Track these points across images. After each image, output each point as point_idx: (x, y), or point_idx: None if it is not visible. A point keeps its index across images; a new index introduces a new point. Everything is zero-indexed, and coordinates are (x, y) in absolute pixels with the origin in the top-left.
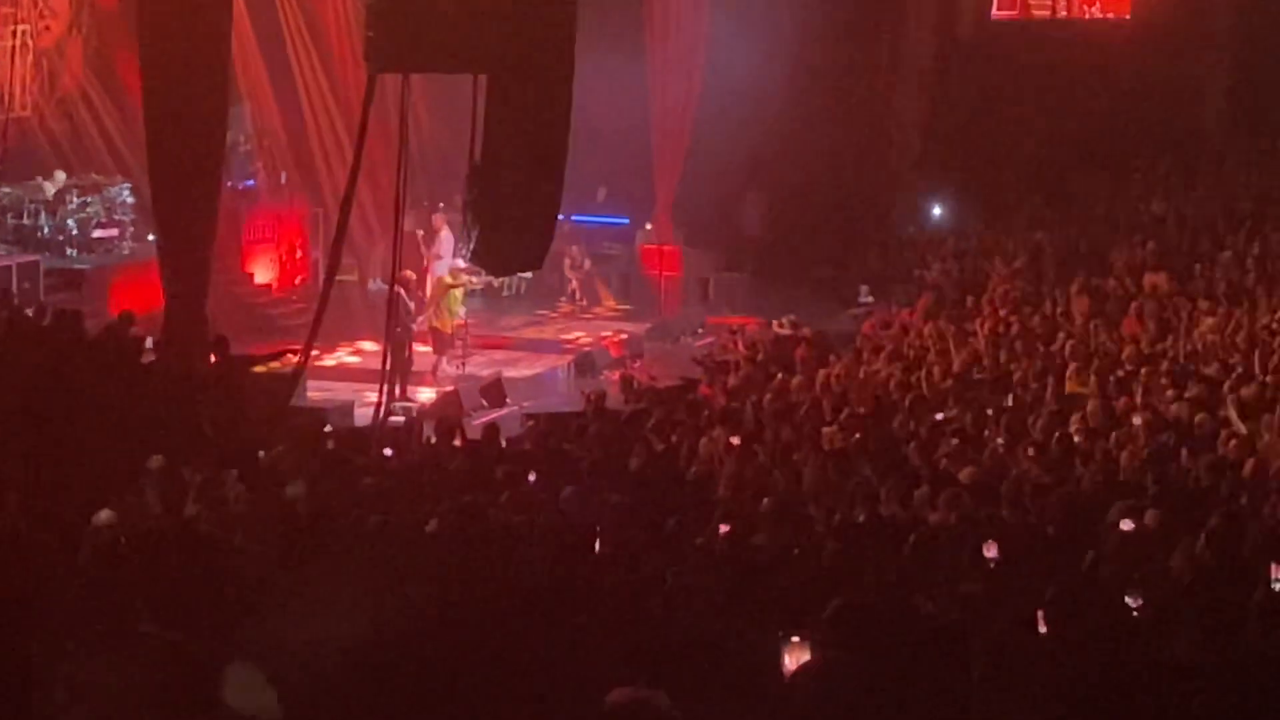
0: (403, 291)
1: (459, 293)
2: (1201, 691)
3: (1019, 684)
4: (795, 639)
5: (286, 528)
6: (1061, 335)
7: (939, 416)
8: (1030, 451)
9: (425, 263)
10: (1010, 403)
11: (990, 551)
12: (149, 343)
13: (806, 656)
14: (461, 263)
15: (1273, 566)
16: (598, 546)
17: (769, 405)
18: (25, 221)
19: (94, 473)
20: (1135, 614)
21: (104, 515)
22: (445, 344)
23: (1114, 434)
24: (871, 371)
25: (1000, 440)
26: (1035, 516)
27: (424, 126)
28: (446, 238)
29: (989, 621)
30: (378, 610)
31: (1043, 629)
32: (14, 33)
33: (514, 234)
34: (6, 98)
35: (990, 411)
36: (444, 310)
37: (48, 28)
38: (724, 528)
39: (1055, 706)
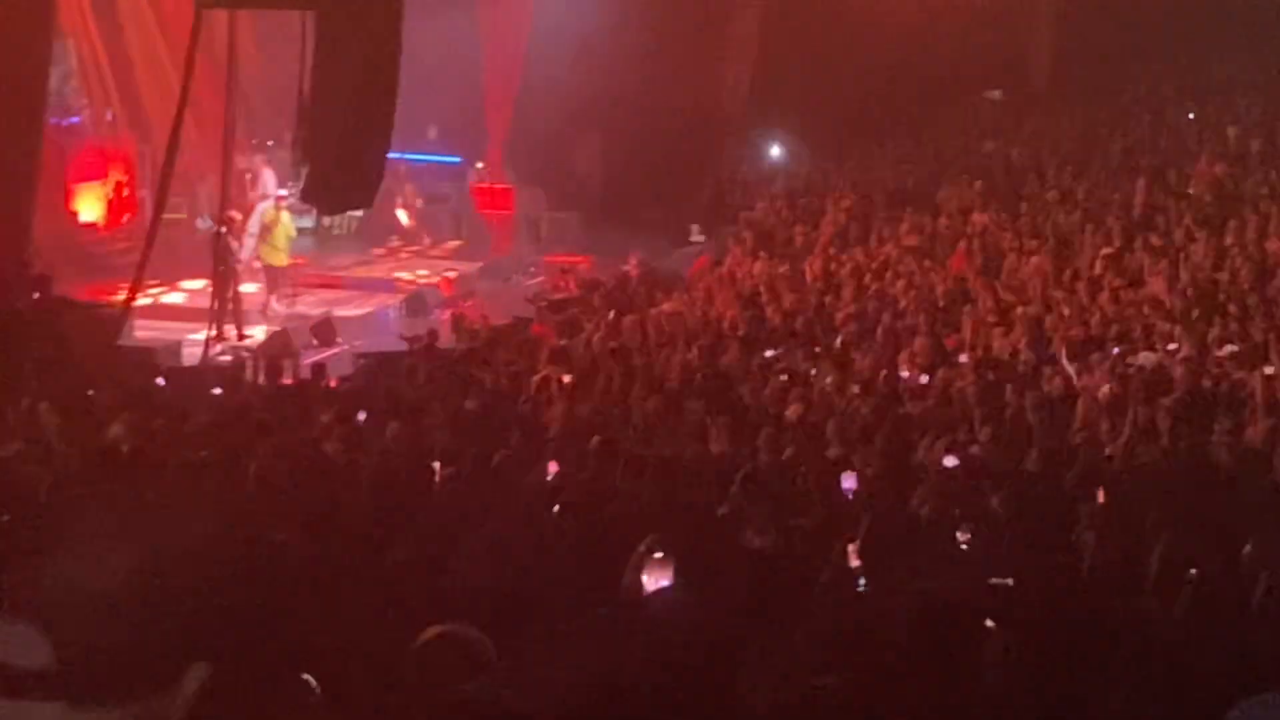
0: (227, 230)
1: (287, 226)
2: (1024, 622)
3: (845, 617)
4: (658, 555)
5: (107, 466)
6: (890, 274)
7: (769, 354)
8: (856, 389)
9: (250, 204)
10: (839, 341)
11: (849, 481)
12: None
13: (668, 574)
14: (283, 192)
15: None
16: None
17: (600, 344)
18: None
19: None
20: (964, 548)
21: None
22: (278, 281)
23: (941, 371)
24: (702, 310)
25: (829, 379)
26: (861, 453)
27: (255, 63)
28: (269, 178)
29: (817, 555)
30: (196, 547)
31: (855, 562)
32: None
33: (344, 172)
34: None
35: (819, 349)
36: (274, 245)
37: None
38: (553, 465)
39: (877, 638)
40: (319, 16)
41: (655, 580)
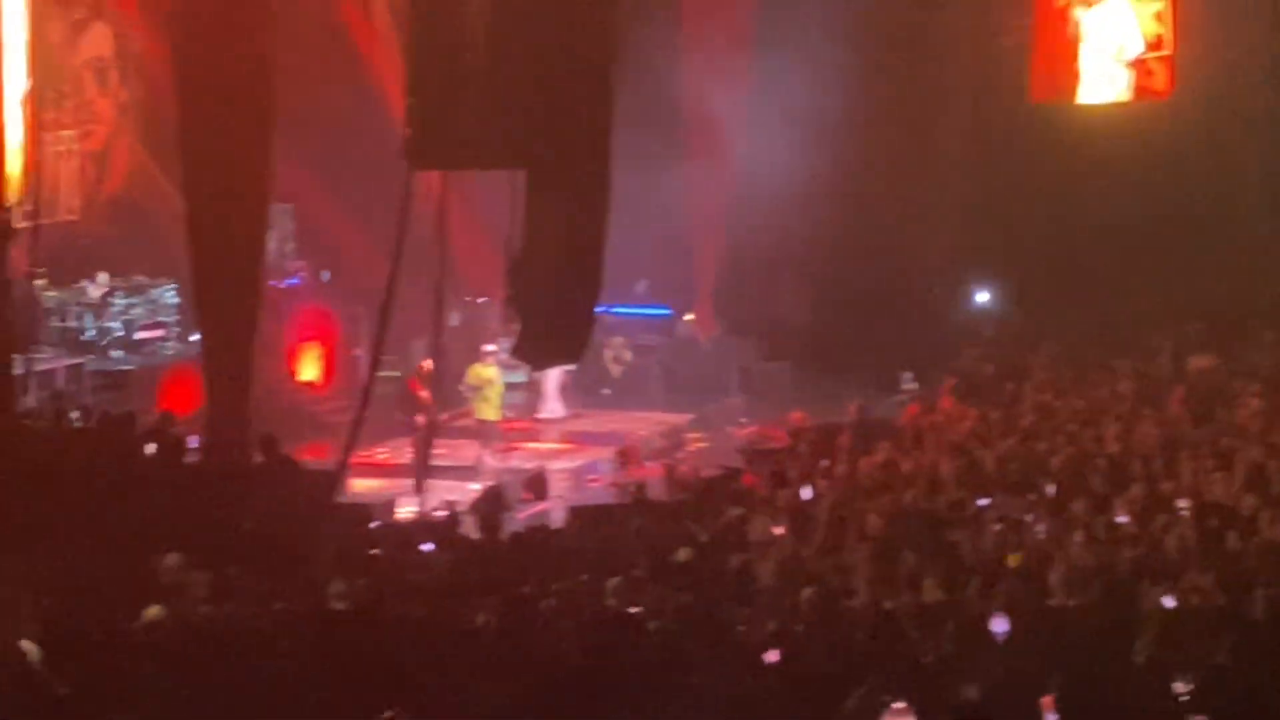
0: (419, 384)
1: (498, 382)
2: None
3: None
4: (898, 705)
5: (328, 625)
6: (1104, 419)
7: (983, 502)
8: (1076, 536)
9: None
10: (1054, 488)
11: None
12: (193, 442)
13: None
14: (492, 348)
15: None
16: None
17: (812, 493)
18: (70, 324)
19: (140, 571)
20: (1184, 700)
21: (153, 611)
22: (491, 436)
23: (1160, 517)
24: (915, 458)
25: (1044, 526)
26: (1079, 601)
27: (467, 220)
28: None
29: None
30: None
31: (1052, 717)
32: (60, 138)
33: (554, 327)
34: (52, 202)
35: (1035, 497)
36: (486, 400)
37: (92, 132)
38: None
39: None
40: (529, 174)
41: None
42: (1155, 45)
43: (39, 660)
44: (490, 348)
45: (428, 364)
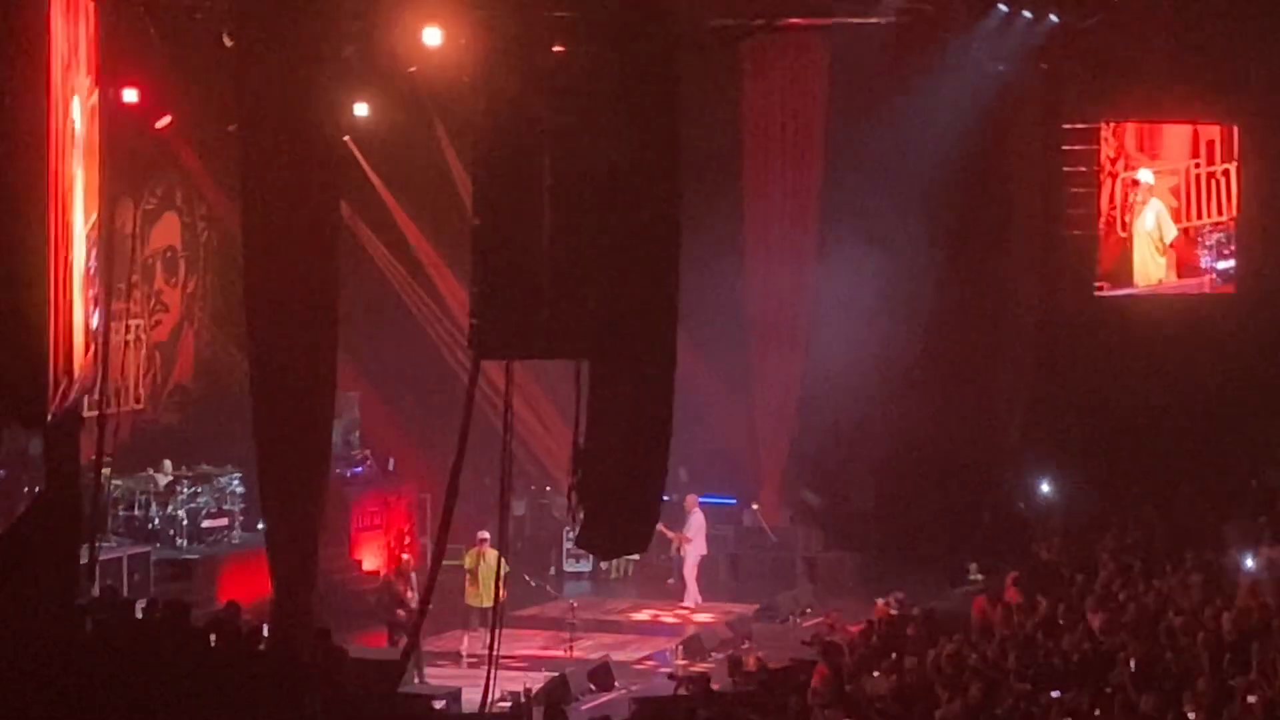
0: (399, 577)
1: (492, 566)
2: None
3: None
4: None
5: None
6: (1172, 612)
7: (1054, 695)
8: None
9: (676, 546)
10: (1124, 681)
11: None
12: (265, 630)
13: None
14: (485, 535)
15: None
16: None
17: (879, 686)
18: (136, 513)
19: None
20: None
21: None
22: (476, 622)
23: (1226, 712)
24: (982, 651)
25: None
26: None
27: (533, 409)
28: (697, 520)
29: None
30: None
31: None
32: (127, 327)
33: (620, 516)
34: (120, 391)
35: (1106, 690)
36: (482, 585)
37: (159, 322)
38: None
39: None
40: (592, 365)
41: None
42: (1177, 218)
43: None
44: (484, 534)
45: (406, 559)
